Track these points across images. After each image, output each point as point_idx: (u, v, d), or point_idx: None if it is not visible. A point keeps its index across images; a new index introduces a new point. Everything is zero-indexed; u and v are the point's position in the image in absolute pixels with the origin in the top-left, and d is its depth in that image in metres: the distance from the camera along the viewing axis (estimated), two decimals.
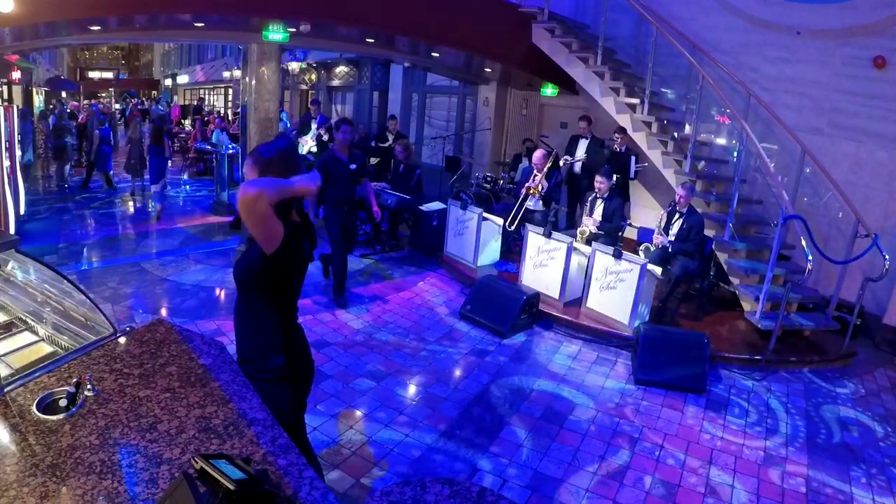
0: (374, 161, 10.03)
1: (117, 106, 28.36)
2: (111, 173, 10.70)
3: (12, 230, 5.90)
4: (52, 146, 10.69)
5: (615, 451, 3.61)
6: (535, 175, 6.76)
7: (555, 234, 5.67)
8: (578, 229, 6.26)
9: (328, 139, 10.44)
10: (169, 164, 10.51)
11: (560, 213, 8.38)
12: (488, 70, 9.77)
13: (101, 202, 9.56)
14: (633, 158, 7.22)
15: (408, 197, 7.16)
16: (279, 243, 2.01)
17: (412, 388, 4.18)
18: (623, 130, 7.14)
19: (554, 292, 5.59)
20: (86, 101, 26.02)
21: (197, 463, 1.37)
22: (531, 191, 6.74)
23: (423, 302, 5.88)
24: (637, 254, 5.41)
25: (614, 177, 6.68)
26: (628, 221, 7.15)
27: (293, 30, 7.24)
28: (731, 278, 5.90)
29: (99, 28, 6.81)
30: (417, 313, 5.56)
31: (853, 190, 5.90)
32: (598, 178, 6.15)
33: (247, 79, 8.39)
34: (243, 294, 2.21)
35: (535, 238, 5.77)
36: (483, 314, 5.36)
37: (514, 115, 10.96)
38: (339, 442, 3.43)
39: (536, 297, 5.49)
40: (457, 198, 7.07)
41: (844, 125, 6.32)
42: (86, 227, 7.95)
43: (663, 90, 7.58)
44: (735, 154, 6.51)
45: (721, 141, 7.28)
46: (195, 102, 23.77)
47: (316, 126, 9.66)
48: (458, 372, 4.48)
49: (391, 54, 9.83)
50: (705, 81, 6.26)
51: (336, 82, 16.22)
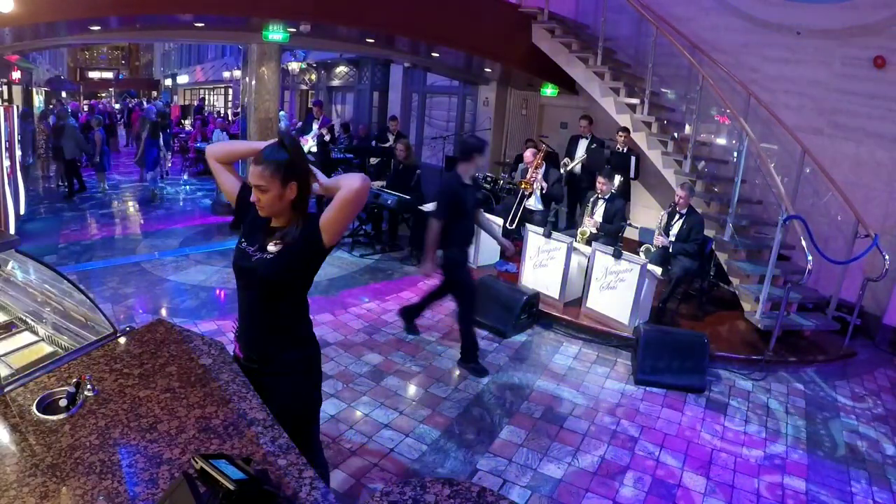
0: (374, 161, 10.04)
1: (117, 105, 28.35)
2: (106, 174, 10.69)
3: (12, 230, 5.88)
4: (52, 146, 10.67)
5: (615, 451, 3.61)
6: (529, 172, 6.80)
7: (555, 234, 5.67)
8: (579, 229, 6.25)
9: (330, 139, 10.45)
10: (169, 155, 12.80)
11: (560, 213, 8.38)
12: (488, 70, 9.76)
13: (101, 202, 9.57)
14: (635, 159, 7.23)
15: (408, 197, 7.15)
16: None
17: (412, 388, 4.18)
18: (626, 130, 7.14)
19: (554, 292, 5.59)
20: (86, 101, 26.00)
21: (197, 463, 1.37)
22: (523, 185, 6.76)
23: None
24: (637, 254, 5.41)
25: (616, 178, 6.68)
26: (629, 222, 7.15)
27: (293, 30, 7.24)
28: (731, 278, 5.90)
29: (99, 28, 6.81)
30: None
31: (853, 190, 5.90)
32: (600, 178, 6.15)
33: (247, 79, 8.39)
34: (280, 294, 2.06)
35: (535, 238, 5.77)
36: (483, 314, 5.35)
37: (514, 115, 10.96)
38: (339, 442, 3.43)
39: (536, 297, 5.49)
40: None
41: (844, 125, 6.32)
42: (86, 226, 7.95)
43: (663, 90, 7.58)
44: (735, 154, 6.51)
45: (721, 141, 7.27)
46: (195, 102, 23.77)
47: (318, 126, 9.67)
48: (458, 372, 4.48)
49: (391, 54, 9.82)
50: (705, 81, 6.26)
51: (336, 82, 16.22)
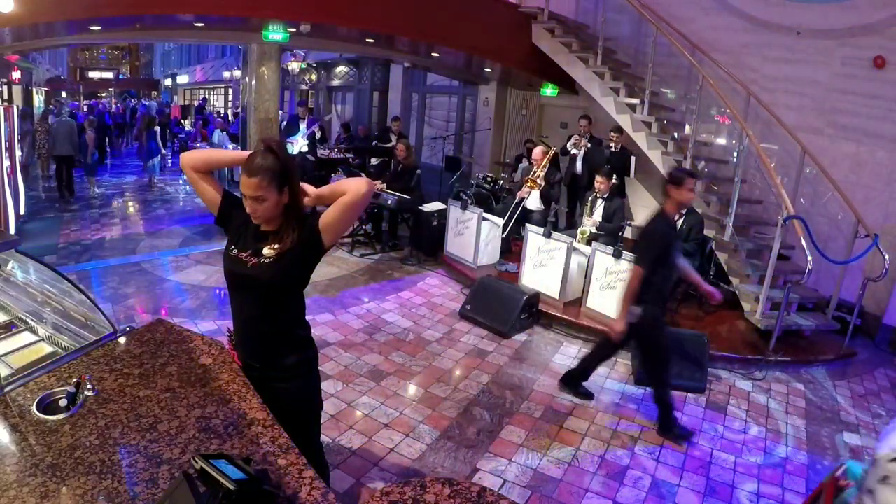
0: (375, 161, 10.04)
1: (114, 107, 28.31)
2: (96, 179, 10.59)
3: (12, 230, 5.89)
4: (47, 144, 10.65)
5: (615, 451, 3.61)
6: (535, 171, 6.79)
7: (555, 234, 5.67)
8: (578, 229, 6.25)
9: (321, 137, 10.42)
10: (168, 154, 13.86)
11: (560, 213, 8.38)
12: (488, 70, 9.76)
13: (101, 202, 9.57)
14: (633, 158, 7.22)
15: (408, 197, 7.15)
16: None
17: (412, 388, 4.18)
18: (619, 130, 7.14)
19: (554, 292, 5.59)
20: (86, 101, 25.99)
21: (197, 463, 1.37)
22: (528, 182, 6.75)
23: (423, 302, 5.88)
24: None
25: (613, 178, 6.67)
26: (629, 221, 7.15)
27: (293, 30, 7.24)
28: (731, 278, 5.90)
29: (99, 28, 6.81)
30: (417, 313, 5.56)
31: (853, 190, 5.90)
32: (598, 177, 6.15)
33: (247, 79, 8.40)
34: (280, 298, 2.05)
35: (535, 238, 5.76)
36: (483, 314, 5.37)
37: (514, 115, 10.96)
38: (339, 442, 3.43)
39: (536, 297, 5.49)
40: (457, 198, 7.06)
41: (844, 125, 6.32)
42: (86, 226, 7.94)
43: (663, 90, 7.58)
44: (735, 154, 6.51)
45: (721, 141, 7.27)
46: (196, 102, 23.75)
47: (306, 126, 9.65)
48: (458, 372, 4.48)
49: (391, 54, 9.82)
50: (705, 81, 6.26)
51: (336, 82, 16.21)
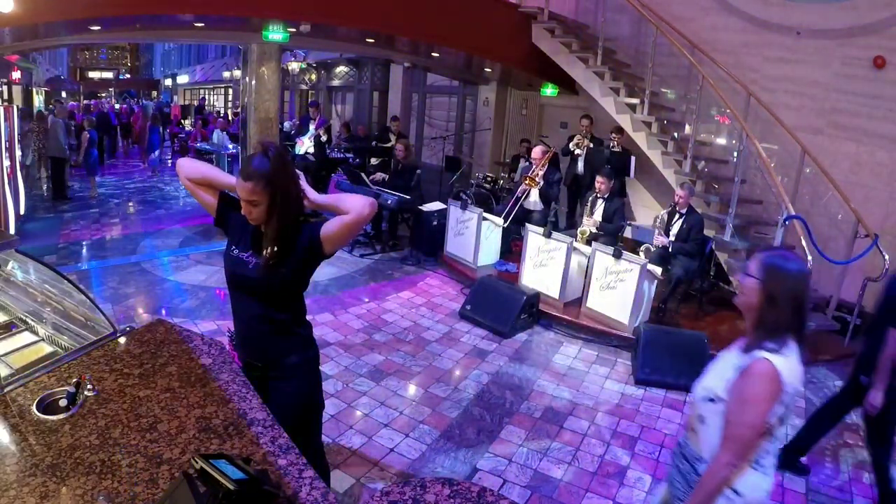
0: (375, 161, 10.04)
1: (117, 106, 28.35)
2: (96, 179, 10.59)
3: (12, 230, 5.89)
4: (40, 145, 10.62)
5: (615, 451, 3.61)
6: (534, 169, 6.80)
7: (555, 234, 5.67)
8: (579, 229, 6.25)
9: (326, 140, 10.46)
10: (168, 153, 15.01)
11: (560, 213, 8.38)
12: (488, 70, 9.76)
13: (101, 202, 9.56)
14: (633, 158, 7.22)
15: (408, 197, 7.15)
16: None
17: (412, 388, 4.18)
18: (620, 130, 7.13)
19: (554, 292, 5.59)
20: (86, 101, 25.99)
21: (197, 463, 1.37)
22: (527, 180, 6.75)
23: (423, 302, 5.88)
24: (637, 254, 5.41)
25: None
26: (629, 221, 7.15)
27: (293, 30, 7.24)
28: (731, 278, 5.90)
29: (99, 28, 6.81)
30: (417, 313, 5.56)
31: (853, 190, 5.90)
32: (598, 177, 6.15)
33: (247, 79, 8.39)
34: (281, 298, 2.13)
35: (535, 238, 5.76)
36: (483, 314, 5.37)
37: (514, 115, 10.96)
38: (339, 442, 3.43)
39: (536, 297, 5.49)
40: (457, 198, 7.06)
41: (844, 125, 6.32)
42: (86, 226, 7.94)
43: (663, 90, 7.58)
44: (735, 154, 6.51)
45: (721, 141, 7.27)
46: (196, 102, 23.76)
47: (314, 127, 9.68)
48: (458, 372, 4.48)
49: (391, 54, 9.83)
50: (705, 81, 6.26)
51: (336, 82, 16.21)
